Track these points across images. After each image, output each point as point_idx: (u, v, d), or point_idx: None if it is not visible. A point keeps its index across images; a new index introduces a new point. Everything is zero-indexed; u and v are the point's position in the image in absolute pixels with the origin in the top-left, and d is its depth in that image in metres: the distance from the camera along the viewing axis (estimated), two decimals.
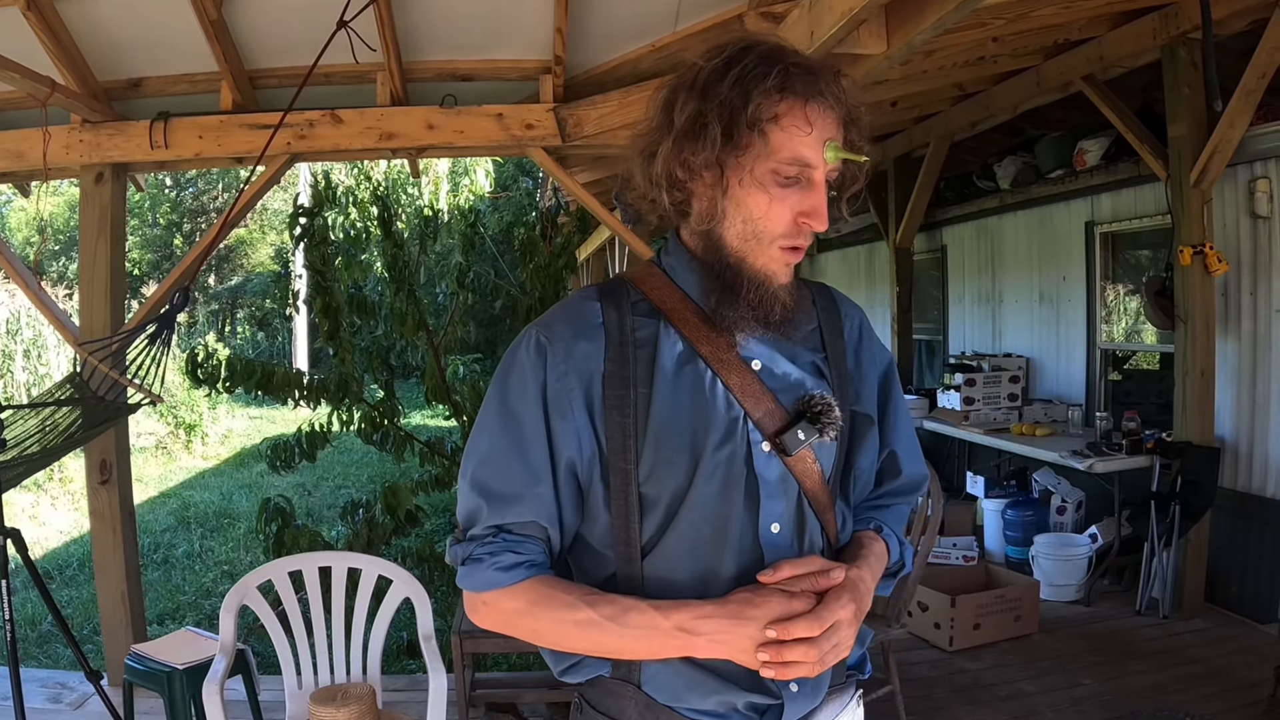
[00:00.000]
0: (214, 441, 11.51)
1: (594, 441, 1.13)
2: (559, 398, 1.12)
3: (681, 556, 1.13)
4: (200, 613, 5.77)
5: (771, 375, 1.17)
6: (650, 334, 1.15)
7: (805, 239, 1.14)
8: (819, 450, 1.17)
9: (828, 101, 1.09)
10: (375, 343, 4.83)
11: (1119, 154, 5.19)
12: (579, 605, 1.08)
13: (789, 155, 1.09)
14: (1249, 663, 3.87)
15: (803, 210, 1.11)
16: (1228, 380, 4.49)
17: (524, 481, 1.11)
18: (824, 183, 1.12)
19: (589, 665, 1.16)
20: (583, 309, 1.18)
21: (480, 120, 3.79)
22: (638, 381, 1.13)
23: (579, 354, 1.13)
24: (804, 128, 1.08)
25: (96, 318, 3.76)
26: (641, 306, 1.18)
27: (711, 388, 1.13)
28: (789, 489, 1.16)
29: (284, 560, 2.80)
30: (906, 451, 1.32)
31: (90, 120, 3.74)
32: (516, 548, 1.11)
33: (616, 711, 1.15)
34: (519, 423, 1.13)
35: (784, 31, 2.85)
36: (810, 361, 1.22)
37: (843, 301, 1.31)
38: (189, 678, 2.92)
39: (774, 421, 1.14)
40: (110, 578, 3.82)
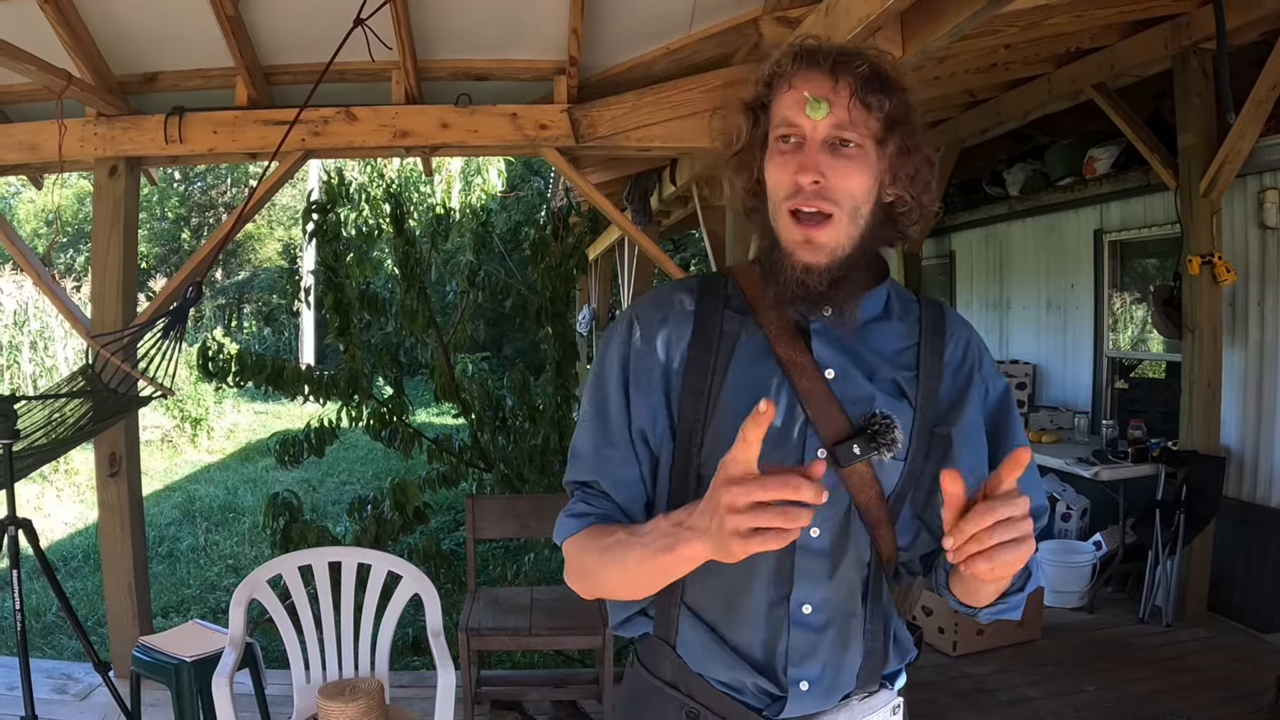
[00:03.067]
0: (219, 436, 11.54)
1: (668, 418, 1.20)
2: (639, 373, 1.21)
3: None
4: (205, 606, 5.79)
5: (843, 385, 1.18)
6: (736, 328, 1.21)
7: (810, 199, 1.13)
8: (879, 467, 1.17)
9: (821, 67, 1.13)
10: (385, 340, 4.84)
11: (1129, 162, 5.19)
12: (614, 531, 1.14)
13: (779, 119, 1.15)
14: (1251, 672, 3.87)
15: (797, 167, 1.13)
16: (1234, 390, 4.49)
17: (595, 447, 1.22)
18: (821, 141, 1.13)
19: (637, 622, 1.26)
20: (677, 296, 1.26)
21: (494, 120, 3.81)
22: (716, 370, 1.19)
23: (663, 336, 1.22)
24: (785, 89, 1.14)
25: (108, 310, 3.78)
26: (735, 301, 1.24)
27: (780, 388, 1.17)
28: (837, 499, 1.16)
29: (294, 555, 2.81)
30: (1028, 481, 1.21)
31: (105, 114, 3.76)
32: (590, 500, 1.21)
33: (656, 668, 1.25)
34: (602, 393, 1.23)
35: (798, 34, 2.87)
36: (892, 379, 1.20)
37: (953, 322, 1.29)
38: (197, 670, 2.94)
39: (834, 431, 1.15)
40: (117, 570, 3.84)
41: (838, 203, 1.13)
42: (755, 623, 1.19)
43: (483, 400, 4.98)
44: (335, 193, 4.44)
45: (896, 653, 1.27)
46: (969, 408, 1.23)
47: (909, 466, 1.19)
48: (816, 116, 1.11)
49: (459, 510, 6.60)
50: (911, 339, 1.24)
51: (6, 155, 3.84)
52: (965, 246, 7.22)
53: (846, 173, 1.12)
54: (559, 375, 4.75)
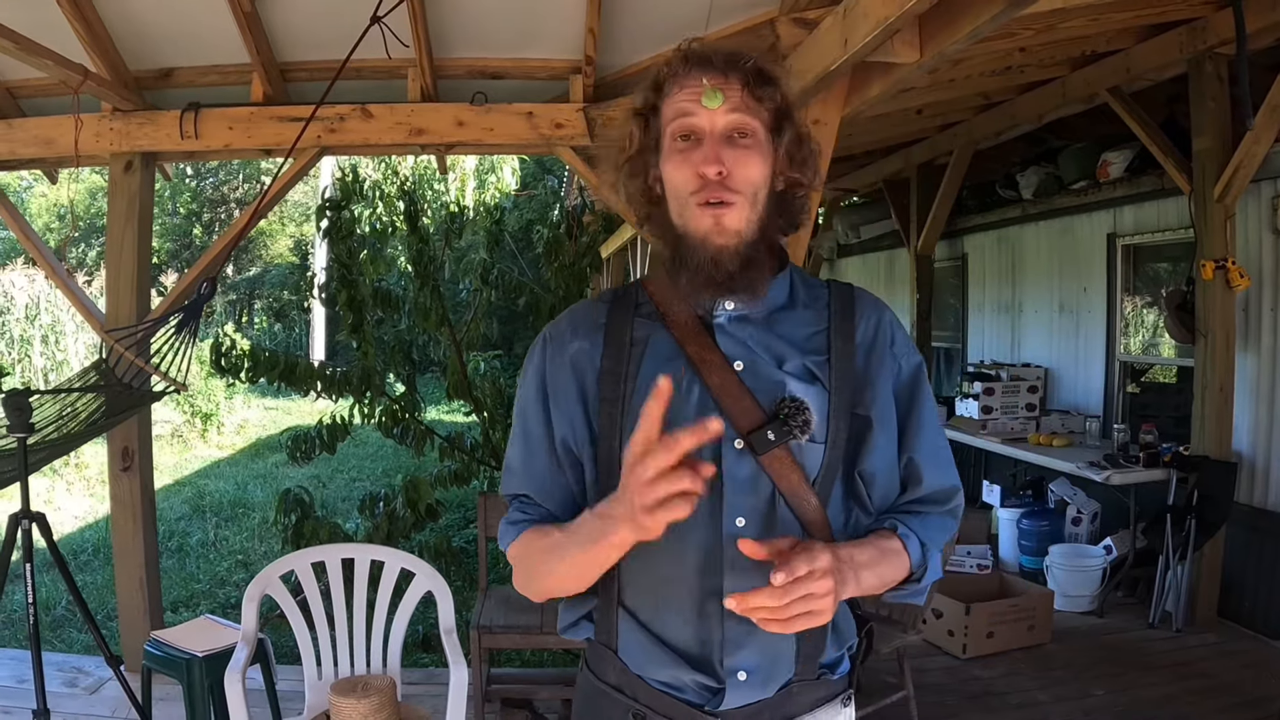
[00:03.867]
0: (230, 431, 11.57)
1: (587, 428, 1.25)
2: (555, 387, 1.27)
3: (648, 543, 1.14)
4: (214, 601, 5.81)
5: (753, 376, 1.21)
6: (646, 334, 1.26)
7: (717, 191, 1.16)
8: (799, 451, 1.19)
9: (713, 66, 1.17)
10: (398, 337, 4.85)
11: (1143, 166, 5.17)
12: (551, 532, 1.21)
13: (671, 114, 1.19)
14: (1261, 678, 3.87)
15: (700, 161, 1.16)
16: (1246, 396, 4.47)
17: (521, 462, 1.29)
18: (720, 134, 1.17)
19: (581, 627, 1.30)
20: (589, 311, 1.32)
21: (510, 118, 3.81)
22: (628, 377, 1.23)
23: (575, 351, 1.27)
24: (676, 89, 1.19)
25: (122, 305, 3.80)
26: (645, 309, 1.28)
27: (690, 385, 1.20)
28: (760, 487, 1.19)
29: (308, 551, 2.82)
30: (929, 460, 1.29)
31: (121, 109, 3.77)
32: (525, 509, 1.28)
33: (601, 672, 1.28)
34: (524, 411, 1.31)
35: (818, 38, 2.86)
36: (801, 364, 1.23)
37: (863, 303, 1.32)
38: (208, 665, 2.95)
39: (748, 421, 1.18)
40: (129, 564, 3.86)
41: (740, 191, 1.17)
42: (688, 617, 1.21)
43: (495, 398, 4.99)
44: (350, 190, 4.45)
45: (834, 640, 1.27)
46: (883, 387, 1.27)
47: (830, 449, 1.22)
48: (712, 105, 1.16)
49: (469, 508, 6.61)
50: (820, 324, 1.27)
51: (22, 149, 3.86)
52: (978, 249, 7.20)
53: (746, 161, 1.17)
54: None
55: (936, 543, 1.29)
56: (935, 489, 1.30)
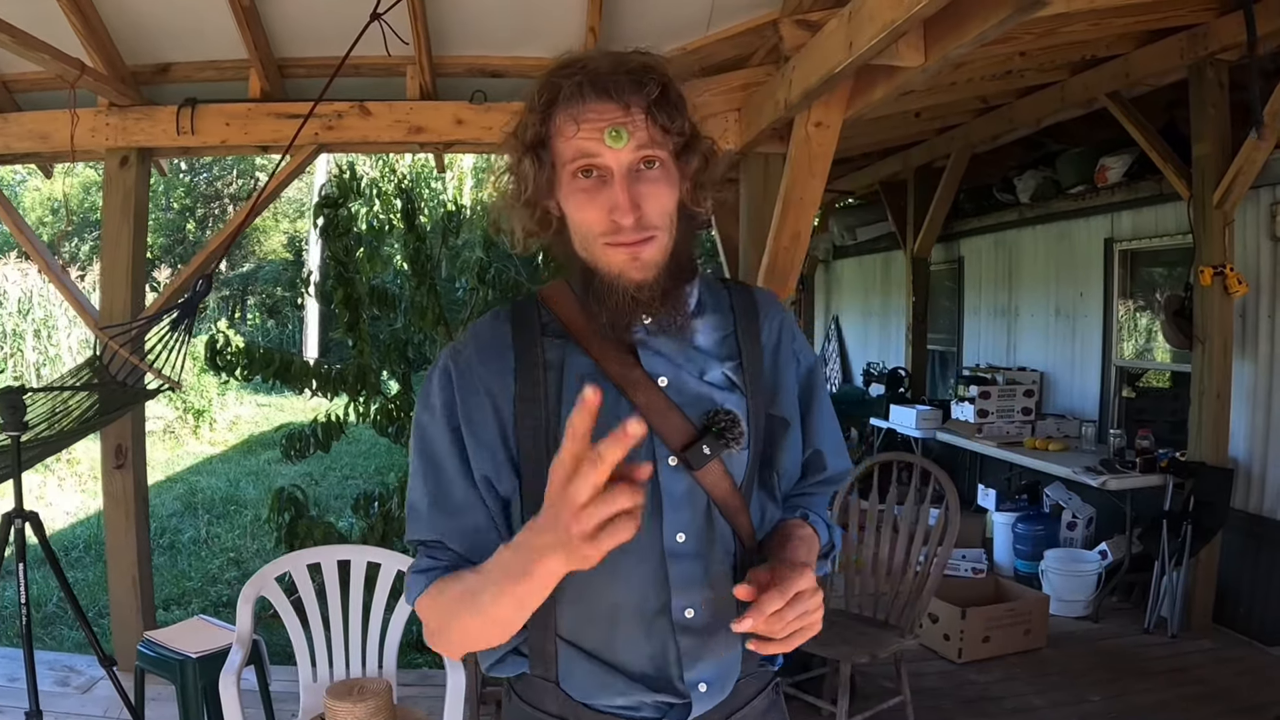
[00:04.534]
0: (222, 428, 11.52)
1: (508, 457, 1.16)
2: (469, 417, 1.16)
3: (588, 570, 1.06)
4: (206, 599, 5.78)
5: (679, 391, 1.18)
6: (559, 355, 1.18)
7: (632, 234, 1.11)
8: (729, 460, 1.18)
9: (607, 95, 1.09)
10: (393, 336, 4.82)
11: (1141, 171, 5.17)
12: (461, 577, 1.09)
13: (572, 154, 1.11)
14: (1256, 684, 3.87)
15: (609, 206, 1.10)
16: (1243, 402, 4.48)
17: (431, 503, 1.16)
18: (626, 170, 1.10)
19: (511, 662, 1.20)
20: (491, 331, 1.21)
21: (509, 117, 3.73)
22: (548, 401, 1.15)
23: (485, 373, 1.17)
24: (572, 127, 1.10)
25: (117, 302, 3.77)
26: (552, 327, 1.20)
27: (616, 407, 1.14)
28: (695, 500, 1.18)
29: (304, 552, 2.80)
30: (831, 448, 1.35)
31: (117, 104, 3.74)
32: (434, 555, 1.15)
33: (538, 702, 1.20)
34: (431, 443, 1.18)
35: (822, 41, 2.85)
36: (721, 373, 1.22)
37: (764, 303, 1.31)
38: (202, 666, 2.93)
39: (680, 437, 1.16)
40: (122, 563, 3.83)
41: (656, 225, 1.13)
42: (639, 639, 1.17)
43: None
44: (347, 187, 4.43)
45: None
46: (790, 386, 1.29)
47: (752, 453, 1.22)
48: (618, 146, 1.08)
49: None
50: (727, 327, 1.26)
51: (17, 144, 3.83)
52: (974, 252, 7.21)
53: (658, 195, 1.12)
54: None
55: (826, 516, 1.36)
56: (835, 473, 1.36)
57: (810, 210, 3.52)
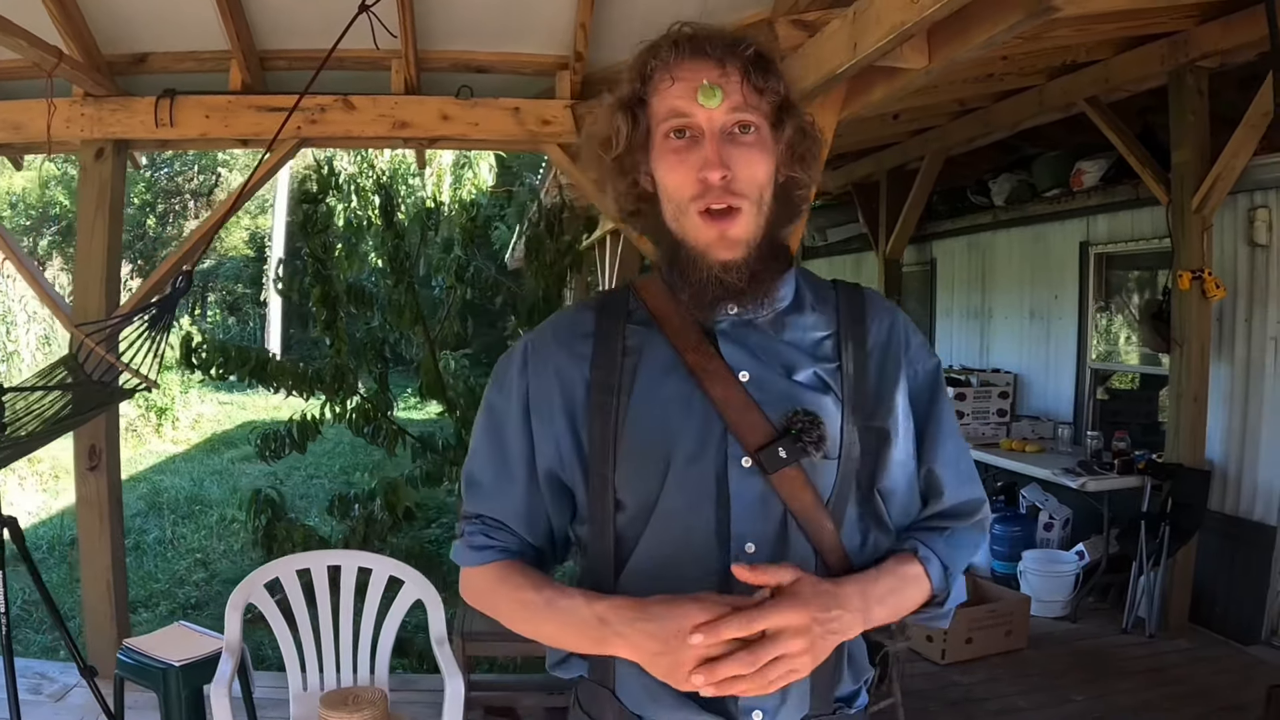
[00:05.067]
0: (184, 426, 11.29)
1: (575, 446, 1.15)
2: (539, 402, 1.17)
3: (650, 568, 1.12)
4: (174, 601, 5.65)
5: (761, 387, 1.12)
6: (639, 342, 1.16)
7: (721, 197, 1.07)
8: (812, 470, 1.11)
9: (707, 55, 1.08)
10: (370, 334, 4.74)
11: (1118, 176, 5.24)
12: (525, 588, 1.12)
13: (666, 112, 1.09)
14: (1235, 683, 3.93)
15: (699, 164, 1.07)
16: (1219, 404, 4.55)
17: (494, 479, 1.19)
18: (720, 132, 1.08)
19: (573, 664, 1.20)
20: (575, 318, 1.21)
21: (496, 114, 3.74)
22: (622, 389, 1.13)
23: (561, 361, 1.17)
24: (668, 82, 1.09)
25: (91, 298, 3.65)
26: (638, 315, 1.18)
27: (691, 398, 1.11)
28: (770, 509, 1.11)
29: (293, 557, 2.73)
30: (949, 470, 1.20)
31: (93, 94, 3.62)
32: (490, 533, 1.18)
33: (597, 713, 1.17)
34: (500, 423, 1.19)
35: (822, 41, 2.83)
36: (813, 372, 1.15)
37: (874, 306, 1.22)
38: (186, 675, 2.85)
39: (756, 437, 1.09)
40: (95, 566, 3.72)
41: (745, 194, 1.09)
42: None
43: (468, 398, 4.90)
44: (326, 183, 4.33)
45: (851, 672, 1.17)
46: (898, 395, 1.17)
47: (843, 465, 1.13)
48: (711, 105, 1.06)
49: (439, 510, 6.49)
50: (829, 328, 1.18)
51: None
52: (947, 254, 7.26)
53: (750, 161, 1.08)
54: None
55: (960, 563, 1.20)
56: (958, 502, 1.20)
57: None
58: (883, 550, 1.17)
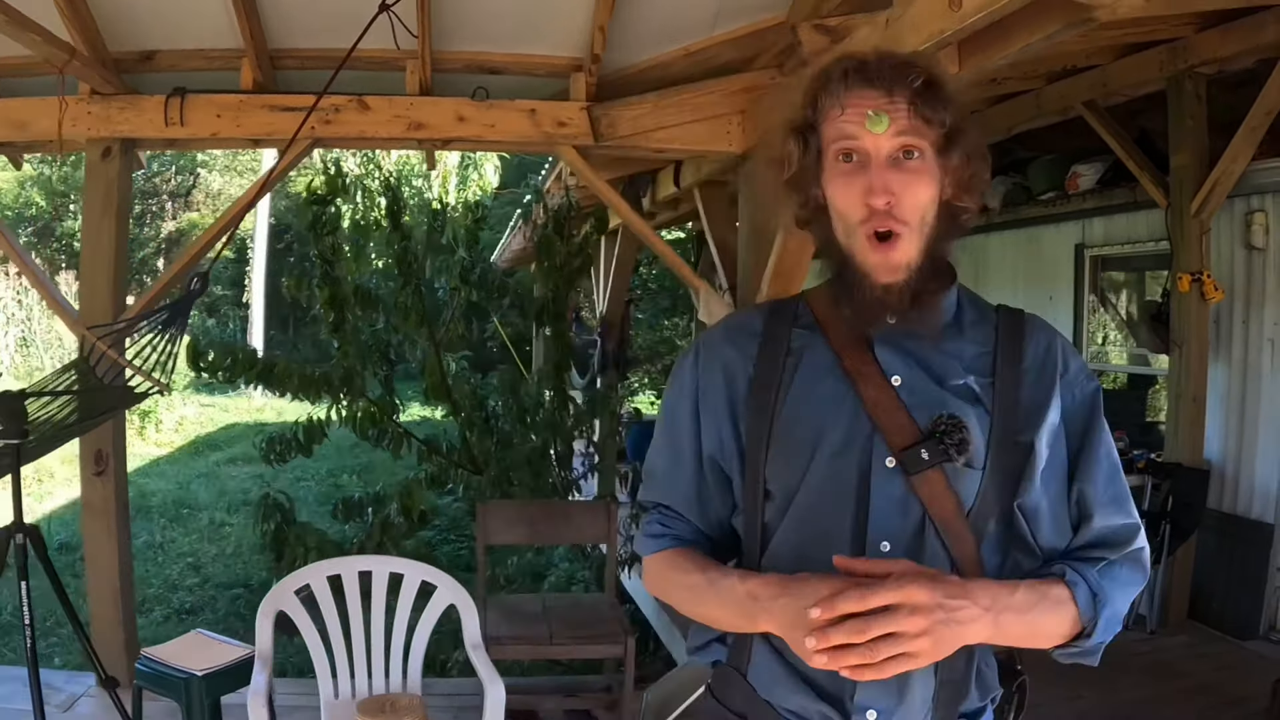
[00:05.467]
0: (168, 429, 11.11)
1: (735, 438, 1.23)
2: (707, 395, 1.26)
3: (789, 558, 1.17)
4: (169, 606, 5.57)
5: (912, 391, 1.16)
6: (802, 345, 1.23)
7: (884, 220, 1.12)
8: (955, 477, 1.12)
9: (875, 84, 1.11)
10: (375, 337, 4.69)
11: (1115, 179, 5.31)
12: (692, 572, 1.21)
13: (834, 135, 1.14)
14: (1237, 678, 4.00)
15: (865, 189, 1.12)
16: (1217, 405, 4.63)
17: (665, 470, 1.29)
18: (886, 158, 1.12)
19: (713, 649, 1.27)
20: (746, 319, 1.30)
21: (512, 115, 3.71)
22: (781, 386, 1.21)
23: (727, 358, 1.25)
24: (837, 110, 1.13)
25: (98, 300, 3.57)
26: (805, 319, 1.25)
27: (844, 398, 1.17)
28: (909, 511, 1.13)
29: (323, 563, 2.71)
30: (1102, 495, 1.17)
31: (100, 92, 3.55)
32: (665, 521, 1.28)
33: (727, 699, 1.24)
34: (673, 417, 1.29)
35: (851, 47, 2.84)
36: (964, 384, 1.16)
37: (1033, 327, 1.24)
38: (208, 684, 2.81)
39: (902, 439, 1.13)
40: (103, 574, 3.64)
41: (907, 219, 1.13)
42: None
43: (472, 399, 4.87)
44: (335, 184, 4.28)
45: (979, 687, 1.17)
46: (1050, 415, 1.17)
47: (988, 477, 1.14)
48: (878, 130, 1.11)
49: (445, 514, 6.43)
50: (987, 345, 1.21)
51: None
52: None
53: (914, 187, 1.12)
54: (557, 378, 4.66)
55: (1114, 596, 1.14)
56: (1107, 528, 1.17)
57: None
58: (1024, 572, 1.16)
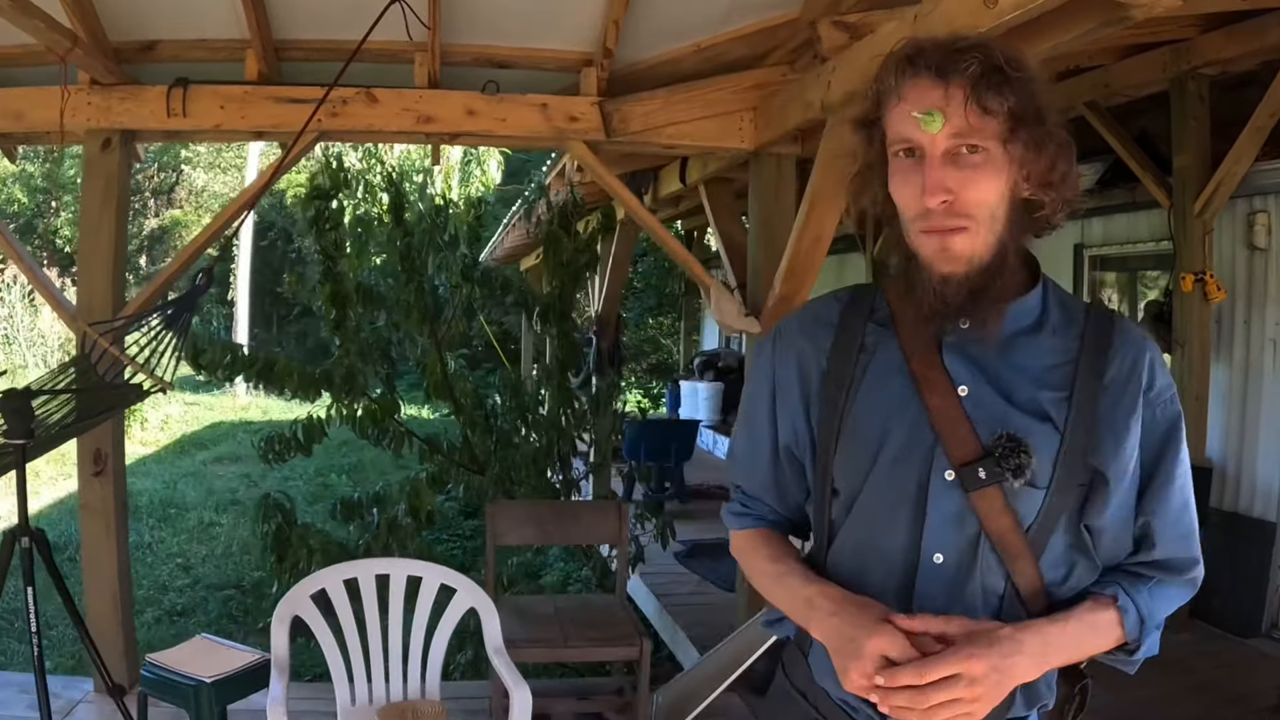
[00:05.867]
0: (154, 427, 10.95)
1: (809, 430, 1.23)
2: (781, 385, 1.27)
3: (848, 556, 1.20)
4: (160, 608, 5.47)
5: (977, 404, 1.12)
6: (875, 341, 1.20)
7: (942, 220, 1.07)
8: (1014, 495, 1.10)
9: (930, 74, 1.06)
10: (375, 334, 4.62)
11: (1114, 179, 5.32)
12: (767, 558, 1.27)
13: (894, 135, 1.11)
14: (1237, 675, 4.03)
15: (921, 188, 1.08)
16: (1219, 404, 4.66)
17: (745, 453, 1.32)
18: (943, 154, 1.06)
19: (785, 624, 1.29)
20: (822, 308, 1.27)
21: (523, 109, 3.65)
22: (852, 383, 1.19)
23: (802, 349, 1.25)
24: (895, 103, 1.09)
25: (97, 295, 3.48)
26: (880, 314, 1.22)
27: (908, 403, 1.14)
28: (965, 525, 1.11)
29: (340, 566, 2.64)
30: (1170, 528, 1.16)
31: (100, 82, 3.46)
32: (746, 503, 1.33)
33: (794, 677, 1.29)
34: (752, 402, 1.32)
35: (876, 42, 2.78)
36: (1033, 399, 1.12)
37: (1122, 337, 1.16)
38: (218, 691, 2.74)
39: (963, 453, 1.10)
40: (102, 577, 3.56)
41: (971, 215, 1.07)
42: None
43: (473, 399, 4.81)
44: (337, 179, 4.21)
45: (1024, 698, 1.15)
46: (1128, 436, 1.12)
47: (1052, 497, 1.11)
48: (933, 130, 1.06)
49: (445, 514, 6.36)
50: (1068, 355, 1.14)
51: None
52: None
53: (975, 183, 1.07)
54: (562, 376, 4.60)
55: (1160, 615, 1.18)
56: (1168, 559, 1.17)
57: (836, 213, 3.50)
58: (1084, 586, 1.16)
